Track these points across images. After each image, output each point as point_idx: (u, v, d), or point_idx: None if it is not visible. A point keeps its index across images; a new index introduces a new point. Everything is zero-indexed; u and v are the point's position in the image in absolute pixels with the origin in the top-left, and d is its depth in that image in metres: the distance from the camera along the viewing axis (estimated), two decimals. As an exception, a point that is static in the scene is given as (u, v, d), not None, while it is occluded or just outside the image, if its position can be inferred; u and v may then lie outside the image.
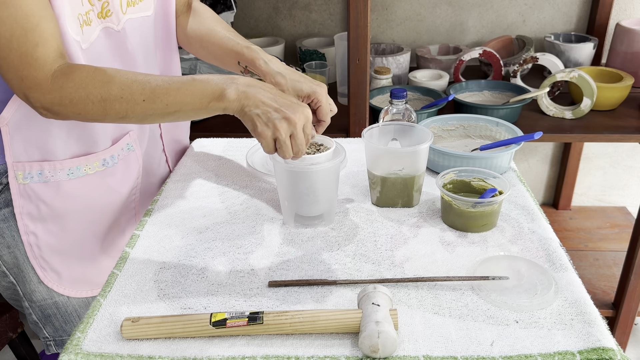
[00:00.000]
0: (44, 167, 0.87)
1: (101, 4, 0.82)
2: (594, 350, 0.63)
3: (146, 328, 0.67)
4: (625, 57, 1.69)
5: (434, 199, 0.96)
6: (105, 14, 0.83)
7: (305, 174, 0.84)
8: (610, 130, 1.48)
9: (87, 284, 1.00)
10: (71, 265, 0.97)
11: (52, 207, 0.90)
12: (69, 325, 1.01)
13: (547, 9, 1.90)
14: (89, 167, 0.91)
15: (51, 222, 0.92)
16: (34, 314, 1.00)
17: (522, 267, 0.78)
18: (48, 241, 0.93)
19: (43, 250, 0.93)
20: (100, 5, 0.82)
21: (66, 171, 0.89)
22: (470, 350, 0.64)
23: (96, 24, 0.83)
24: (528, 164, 2.19)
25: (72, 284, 0.98)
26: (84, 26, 0.80)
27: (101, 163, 0.93)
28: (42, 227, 0.92)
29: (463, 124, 1.12)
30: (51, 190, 0.89)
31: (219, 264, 0.81)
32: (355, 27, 1.30)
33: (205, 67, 1.59)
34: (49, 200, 0.90)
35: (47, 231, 0.92)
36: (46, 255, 0.94)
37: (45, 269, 0.95)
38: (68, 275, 0.97)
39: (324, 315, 0.67)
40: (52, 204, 0.90)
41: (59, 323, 1.01)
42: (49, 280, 0.96)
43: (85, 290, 1.00)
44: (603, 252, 1.97)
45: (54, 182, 0.89)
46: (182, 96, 0.75)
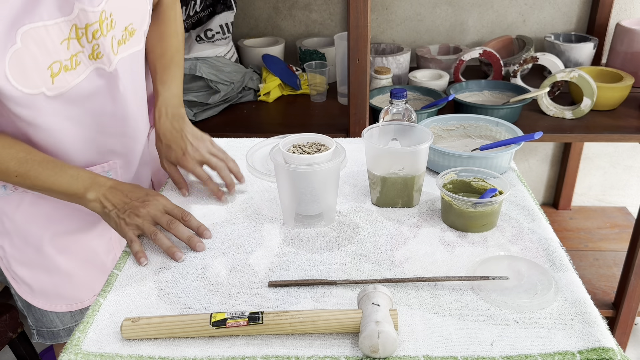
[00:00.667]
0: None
1: (91, 46, 0.81)
2: (594, 350, 0.63)
3: (146, 328, 0.67)
4: (625, 57, 1.69)
5: (434, 199, 0.96)
6: (96, 55, 0.82)
7: (305, 174, 0.84)
8: (610, 130, 1.48)
9: (60, 298, 0.99)
10: (41, 279, 0.96)
11: (14, 221, 0.91)
12: (46, 318, 1.01)
13: (547, 9, 1.90)
14: None
15: (15, 235, 0.92)
16: (19, 301, 1.01)
17: (522, 267, 0.78)
18: (14, 254, 0.93)
19: (11, 262, 0.94)
20: (90, 47, 0.81)
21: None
22: (470, 350, 0.64)
23: (86, 65, 0.82)
24: (528, 164, 2.19)
25: (46, 298, 0.98)
26: (62, 72, 0.79)
27: None
28: (8, 241, 0.92)
29: (463, 124, 1.12)
30: (13, 204, 0.90)
31: (219, 264, 0.81)
32: (355, 27, 1.30)
33: (205, 66, 1.59)
34: (11, 213, 0.90)
35: (12, 245, 0.92)
36: (14, 267, 0.94)
37: (17, 281, 0.96)
38: (39, 288, 0.97)
39: (324, 315, 0.67)
40: (13, 217, 0.90)
41: (37, 315, 1.01)
42: (23, 292, 0.96)
43: (60, 304, 0.99)
44: (603, 252, 1.97)
45: (17, 195, 0.89)
46: (50, 184, 0.83)
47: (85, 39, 0.79)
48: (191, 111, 1.60)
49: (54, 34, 0.75)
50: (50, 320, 1.01)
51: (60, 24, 0.76)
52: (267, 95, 1.75)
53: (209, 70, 1.60)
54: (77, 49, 0.79)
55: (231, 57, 1.80)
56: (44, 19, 0.74)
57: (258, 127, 1.58)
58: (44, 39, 0.74)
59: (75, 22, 0.77)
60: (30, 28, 0.73)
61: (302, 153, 0.86)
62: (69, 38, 0.78)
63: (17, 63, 0.73)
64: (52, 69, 0.77)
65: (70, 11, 0.76)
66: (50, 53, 0.76)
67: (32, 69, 0.75)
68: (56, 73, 0.78)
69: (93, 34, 0.79)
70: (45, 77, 0.77)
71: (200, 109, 1.62)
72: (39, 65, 0.76)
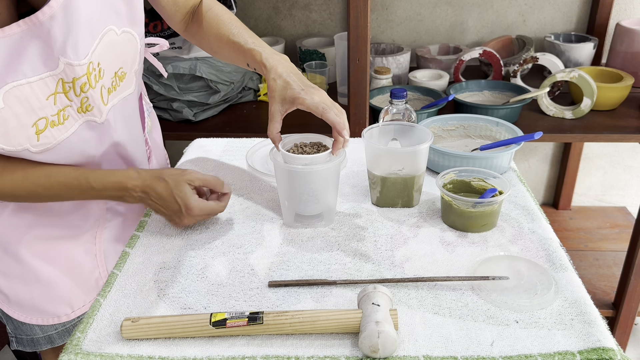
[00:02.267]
0: None
1: (80, 99, 0.78)
2: (594, 350, 0.63)
3: (146, 328, 0.67)
4: (625, 57, 1.69)
5: (434, 199, 0.96)
6: (85, 108, 0.79)
7: (305, 174, 0.84)
8: (610, 130, 1.48)
9: (36, 310, 0.96)
10: (17, 289, 0.94)
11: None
12: (25, 326, 0.98)
13: (547, 9, 1.90)
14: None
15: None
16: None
17: (522, 267, 0.78)
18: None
19: None
20: (79, 100, 0.78)
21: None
22: (470, 350, 0.64)
23: (75, 119, 0.79)
24: (528, 164, 2.19)
25: (21, 309, 0.95)
26: (48, 128, 0.76)
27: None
28: None
29: (463, 124, 1.12)
30: None
31: (219, 264, 0.81)
32: (355, 27, 1.30)
33: (205, 66, 1.59)
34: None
35: None
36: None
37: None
38: (15, 298, 0.94)
39: (324, 315, 0.67)
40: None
41: (16, 322, 0.99)
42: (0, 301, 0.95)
43: (35, 317, 0.96)
44: (603, 252, 1.97)
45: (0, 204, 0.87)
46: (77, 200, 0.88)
47: (72, 92, 0.76)
48: (191, 111, 1.60)
49: (39, 90, 0.73)
50: (29, 328, 0.99)
51: (45, 79, 0.73)
52: (267, 96, 1.75)
53: (209, 70, 1.60)
54: (64, 103, 0.77)
55: (231, 57, 1.80)
56: (28, 76, 0.71)
57: (258, 127, 1.58)
58: (28, 97, 0.72)
59: (62, 77, 0.74)
60: (14, 87, 0.71)
61: (303, 153, 0.86)
62: (56, 92, 0.75)
63: (0, 123, 0.71)
64: (37, 125, 0.75)
65: (55, 66, 0.73)
66: (35, 110, 0.74)
67: (15, 128, 0.73)
68: (42, 130, 0.75)
69: (81, 88, 0.77)
70: (30, 134, 0.74)
71: (200, 109, 1.63)
72: (23, 124, 0.73)
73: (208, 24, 0.95)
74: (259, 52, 0.87)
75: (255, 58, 0.88)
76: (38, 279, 0.94)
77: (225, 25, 0.93)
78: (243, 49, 0.90)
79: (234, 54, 0.93)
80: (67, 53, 0.73)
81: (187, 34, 1.01)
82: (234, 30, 0.92)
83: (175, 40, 1.74)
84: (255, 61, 0.88)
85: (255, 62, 0.88)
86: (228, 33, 0.92)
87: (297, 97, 0.82)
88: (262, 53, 0.87)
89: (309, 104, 0.82)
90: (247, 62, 0.91)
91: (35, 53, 0.71)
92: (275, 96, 0.84)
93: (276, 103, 0.85)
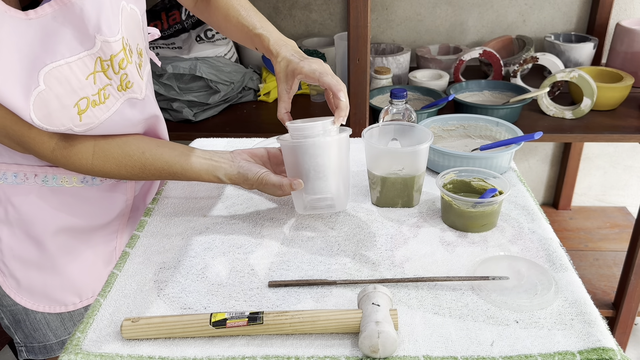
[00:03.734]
0: (21, 170, 0.87)
1: (119, 77, 0.78)
2: (594, 350, 0.63)
3: (146, 328, 0.67)
4: (625, 57, 1.69)
5: (434, 199, 0.96)
6: (125, 86, 0.80)
7: (308, 147, 0.81)
8: (610, 130, 1.48)
9: (45, 298, 0.96)
10: (31, 275, 0.94)
11: (19, 211, 0.89)
12: (38, 332, 0.98)
13: (547, 9, 1.90)
14: (66, 180, 0.90)
15: (17, 226, 0.90)
16: (5, 319, 0.98)
17: (522, 267, 0.78)
18: (11, 245, 0.91)
19: (5, 253, 0.92)
20: (118, 78, 0.78)
21: (42, 177, 0.88)
22: (470, 350, 0.64)
23: (116, 98, 0.80)
24: (528, 164, 2.19)
25: (30, 295, 0.95)
26: (90, 108, 0.77)
27: (80, 179, 0.91)
28: (7, 230, 0.90)
29: (463, 124, 1.12)
30: (22, 194, 0.88)
31: (219, 264, 0.81)
32: (355, 27, 1.30)
33: (205, 66, 1.59)
34: (18, 203, 0.89)
35: (11, 234, 0.91)
36: (7, 259, 0.92)
37: (4, 273, 0.94)
38: (27, 284, 0.95)
39: (324, 315, 0.67)
40: (20, 207, 0.89)
41: (28, 330, 0.99)
42: (7, 287, 0.95)
43: (42, 304, 0.96)
44: (603, 252, 1.97)
45: (26, 186, 0.88)
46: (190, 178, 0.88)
47: (111, 70, 0.77)
48: (191, 111, 1.60)
49: (78, 70, 0.73)
50: (42, 335, 0.99)
51: (83, 59, 0.73)
52: (267, 95, 1.75)
53: (209, 70, 1.60)
54: (104, 82, 0.77)
55: (231, 57, 1.80)
56: (66, 56, 0.72)
57: (258, 127, 1.58)
58: (68, 77, 0.72)
59: (99, 55, 0.75)
60: (53, 68, 0.71)
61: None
62: (95, 72, 0.75)
63: (42, 105, 0.71)
64: (78, 106, 0.75)
65: (92, 44, 0.73)
66: (76, 90, 0.74)
67: (57, 110, 0.73)
68: (83, 110, 0.76)
69: (119, 64, 0.77)
70: (72, 115, 0.75)
71: (200, 109, 1.63)
72: (65, 105, 0.74)
73: (216, 2, 0.96)
74: (267, 38, 0.89)
75: (263, 44, 0.89)
76: (55, 266, 0.95)
77: (233, 6, 0.94)
78: (251, 34, 0.91)
79: (242, 37, 0.95)
80: (102, 30, 0.73)
81: (196, 10, 1.01)
82: (243, 12, 0.93)
83: (175, 41, 1.74)
84: (263, 47, 0.90)
85: (263, 48, 0.90)
86: (237, 15, 0.93)
87: (295, 67, 0.84)
88: (269, 39, 0.89)
89: (306, 71, 0.83)
90: (255, 46, 0.93)
91: (71, 33, 0.72)
92: (280, 77, 0.87)
93: (281, 83, 0.87)
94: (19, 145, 0.79)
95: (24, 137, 0.77)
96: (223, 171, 0.85)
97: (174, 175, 0.86)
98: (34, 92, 0.70)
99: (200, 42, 1.71)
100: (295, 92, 0.88)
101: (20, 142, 0.78)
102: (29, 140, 0.77)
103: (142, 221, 0.93)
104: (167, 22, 1.73)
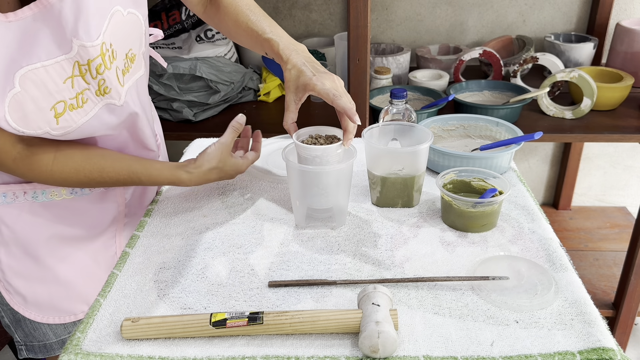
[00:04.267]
0: (9, 190, 0.87)
1: (97, 82, 0.77)
2: (594, 350, 0.63)
3: (146, 328, 0.67)
4: (625, 57, 1.69)
5: (434, 199, 0.96)
6: (103, 91, 0.79)
7: (316, 174, 0.83)
8: (610, 130, 1.48)
9: (54, 309, 0.97)
10: (36, 290, 0.94)
11: (13, 230, 0.89)
12: (38, 331, 0.99)
13: (547, 9, 1.90)
14: (56, 194, 0.89)
15: (13, 245, 0.90)
16: (5, 317, 0.99)
17: (522, 267, 0.78)
18: (10, 264, 0.91)
19: (6, 273, 0.92)
20: (96, 83, 0.77)
21: (31, 194, 0.88)
22: (470, 350, 0.64)
23: (94, 102, 0.79)
24: (528, 164, 2.19)
25: (38, 309, 0.96)
26: (67, 112, 0.76)
27: (69, 191, 0.90)
28: (4, 250, 0.90)
29: (463, 124, 1.12)
30: (14, 213, 0.88)
31: (219, 264, 0.81)
32: (355, 27, 1.30)
33: (205, 66, 1.59)
34: (11, 223, 0.88)
35: (9, 254, 0.91)
36: (9, 278, 0.92)
37: (10, 291, 0.94)
38: (33, 299, 0.95)
39: (324, 315, 0.67)
40: (13, 226, 0.89)
41: (28, 329, 0.99)
42: (15, 304, 0.95)
43: (52, 316, 0.97)
44: (603, 252, 1.97)
45: (17, 204, 0.88)
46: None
47: (89, 75, 0.76)
48: (191, 111, 1.60)
49: (55, 73, 0.73)
50: (42, 334, 0.99)
51: (61, 63, 0.73)
52: (267, 95, 1.75)
53: (209, 70, 1.60)
54: (82, 86, 0.76)
55: (231, 57, 1.80)
56: (42, 59, 0.71)
57: (258, 127, 1.57)
58: (44, 80, 0.72)
59: (77, 59, 0.74)
60: (29, 70, 0.70)
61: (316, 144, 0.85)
62: (73, 75, 0.75)
63: (17, 107, 0.71)
64: (55, 109, 0.75)
65: (69, 49, 0.73)
66: (53, 94, 0.74)
67: (33, 112, 0.73)
68: (60, 113, 0.75)
69: (97, 70, 0.76)
70: (49, 118, 0.74)
71: (200, 109, 1.63)
72: (41, 107, 0.73)
73: (226, 8, 0.95)
74: (276, 43, 0.88)
75: (273, 49, 0.88)
76: (57, 278, 0.94)
77: (243, 11, 0.94)
78: (261, 39, 0.90)
79: (251, 42, 0.94)
80: (79, 34, 0.73)
81: (206, 16, 1.01)
82: (252, 17, 0.92)
83: (175, 40, 1.74)
84: (273, 51, 0.89)
85: (273, 53, 0.89)
86: (246, 20, 0.92)
87: (308, 82, 0.83)
88: (279, 44, 0.88)
89: (319, 89, 0.82)
90: (265, 51, 0.92)
91: (49, 36, 0.71)
92: (290, 86, 0.86)
93: (290, 93, 0.86)
94: None
95: None
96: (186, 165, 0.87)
97: (133, 175, 0.86)
98: (9, 93, 0.70)
99: (200, 42, 1.71)
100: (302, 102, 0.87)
101: None
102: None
103: (142, 221, 0.93)
104: (167, 22, 1.73)
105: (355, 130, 0.84)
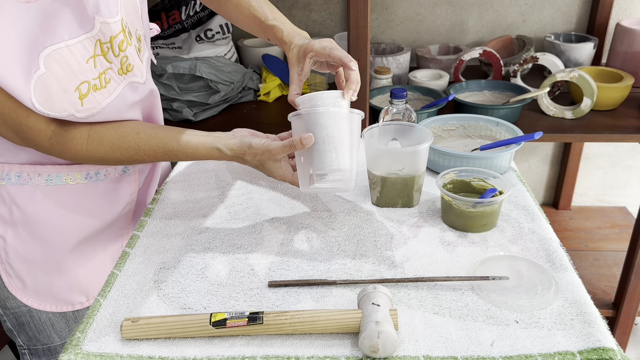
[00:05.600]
0: (24, 170, 0.86)
1: (119, 59, 0.78)
2: (594, 350, 0.63)
3: (146, 328, 0.67)
4: (626, 57, 1.69)
5: (434, 199, 0.96)
6: (126, 69, 0.79)
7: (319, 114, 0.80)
8: (610, 130, 1.48)
9: (52, 297, 0.96)
10: (37, 276, 0.94)
11: (24, 212, 0.89)
12: (42, 334, 0.98)
13: (547, 9, 1.90)
14: (70, 177, 0.89)
15: (22, 227, 0.90)
16: (8, 321, 0.98)
17: (522, 267, 0.78)
18: (16, 246, 0.91)
19: (10, 255, 0.91)
20: (118, 61, 0.77)
21: (45, 177, 0.88)
22: (470, 350, 0.64)
23: (117, 82, 0.79)
24: (528, 164, 2.19)
25: (37, 295, 0.95)
26: (91, 93, 0.76)
27: (84, 176, 0.91)
28: (12, 231, 0.90)
29: (463, 124, 1.12)
30: (26, 194, 0.88)
31: (219, 264, 0.81)
32: (355, 27, 1.30)
33: (205, 66, 1.59)
34: (22, 204, 0.88)
35: (16, 236, 0.90)
36: (12, 260, 0.92)
37: (10, 275, 0.93)
38: (33, 285, 0.94)
39: (324, 315, 0.67)
40: (24, 208, 0.88)
41: (32, 332, 0.98)
42: (13, 288, 0.94)
43: (49, 304, 0.96)
44: (603, 252, 1.97)
45: (30, 186, 0.87)
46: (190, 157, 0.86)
47: (111, 53, 0.76)
48: (191, 111, 1.60)
49: (78, 53, 0.73)
50: (47, 337, 0.99)
51: (83, 42, 0.73)
52: (267, 95, 1.75)
53: (209, 70, 1.60)
54: (104, 65, 0.76)
55: (231, 57, 1.80)
56: (65, 38, 0.71)
57: (258, 127, 1.57)
58: (68, 60, 0.72)
59: (99, 37, 0.74)
60: (53, 50, 0.70)
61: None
62: (95, 55, 0.75)
63: (43, 89, 0.71)
64: (80, 90, 0.74)
65: (91, 27, 0.73)
66: (77, 74, 0.74)
67: (58, 94, 0.73)
68: (85, 94, 0.75)
69: (119, 46, 0.76)
70: (74, 99, 0.74)
71: (200, 109, 1.62)
72: (66, 89, 0.73)
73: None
74: (280, 30, 0.89)
75: (277, 35, 0.90)
76: (60, 267, 0.94)
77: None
78: (264, 25, 0.92)
79: (254, 28, 0.95)
80: (101, 10, 0.73)
81: (207, 1, 1.01)
82: (254, 3, 0.93)
83: (175, 40, 1.74)
84: (277, 38, 0.90)
85: (276, 39, 0.90)
86: (248, 5, 0.94)
87: (307, 47, 0.84)
88: (283, 30, 0.89)
89: (317, 48, 0.83)
90: (267, 37, 0.93)
91: (70, 15, 0.72)
92: (292, 62, 0.87)
93: (293, 67, 0.87)
94: (17, 135, 0.78)
95: (22, 125, 0.76)
96: (223, 142, 0.83)
97: (170, 152, 0.85)
98: (35, 75, 0.70)
99: (200, 42, 1.71)
100: (307, 75, 0.87)
101: (18, 132, 0.77)
102: (27, 129, 0.77)
103: (142, 221, 0.93)
104: (167, 22, 1.73)
105: (357, 83, 0.84)
